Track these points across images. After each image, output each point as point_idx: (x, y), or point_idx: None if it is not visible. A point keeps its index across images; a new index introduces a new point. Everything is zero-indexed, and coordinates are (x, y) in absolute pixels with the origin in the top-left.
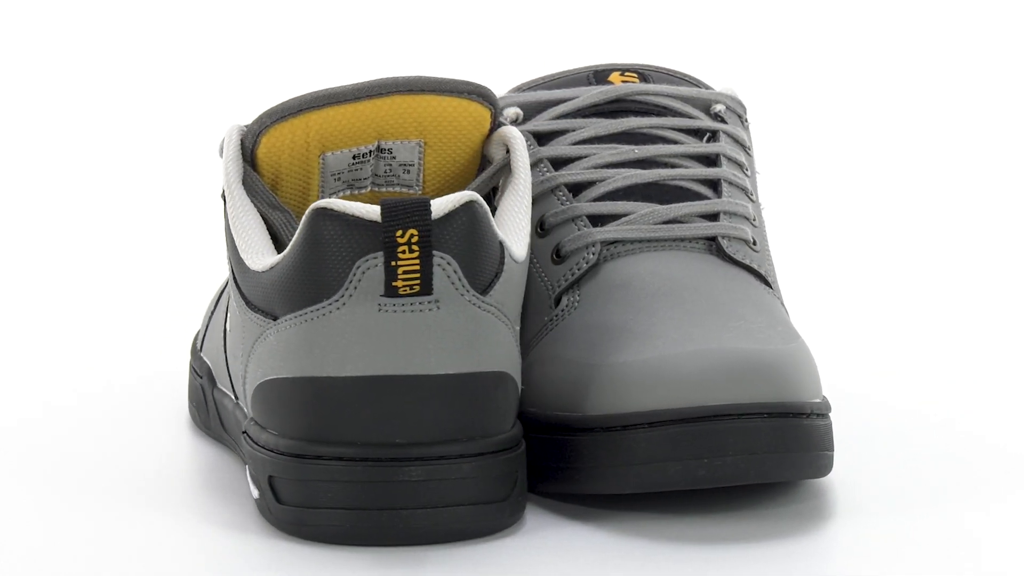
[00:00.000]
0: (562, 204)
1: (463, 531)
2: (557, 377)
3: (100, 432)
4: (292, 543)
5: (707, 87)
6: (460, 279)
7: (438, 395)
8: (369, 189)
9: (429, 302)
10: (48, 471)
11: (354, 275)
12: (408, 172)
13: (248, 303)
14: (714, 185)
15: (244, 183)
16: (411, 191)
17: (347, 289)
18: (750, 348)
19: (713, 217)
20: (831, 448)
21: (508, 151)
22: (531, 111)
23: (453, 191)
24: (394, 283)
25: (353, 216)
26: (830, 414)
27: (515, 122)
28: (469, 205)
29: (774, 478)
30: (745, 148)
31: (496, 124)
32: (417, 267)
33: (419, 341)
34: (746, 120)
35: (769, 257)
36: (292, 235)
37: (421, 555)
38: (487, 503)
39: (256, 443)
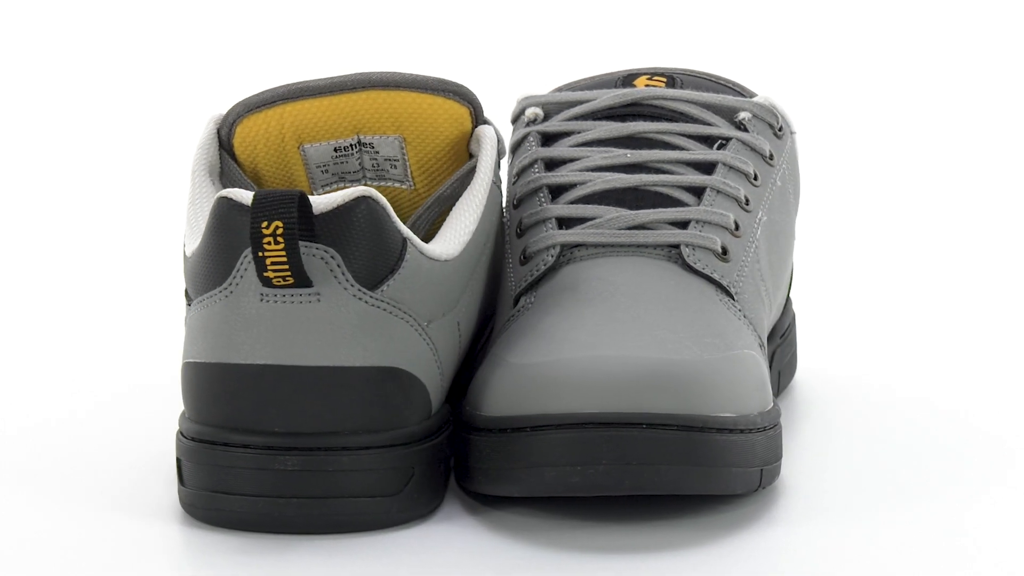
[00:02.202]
0: (539, 206)
1: (343, 523)
2: (482, 375)
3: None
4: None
5: (750, 93)
6: (344, 273)
7: (317, 387)
8: (363, 183)
9: (310, 294)
10: (50, 469)
11: (241, 264)
12: (395, 167)
13: (186, 287)
14: (700, 193)
15: (223, 172)
16: (403, 186)
17: (234, 278)
18: (650, 357)
19: (683, 225)
20: (746, 464)
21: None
22: (552, 111)
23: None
24: (265, 274)
25: (244, 205)
26: (757, 429)
27: (533, 122)
28: (361, 200)
29: (653, 490)
30: (765, 158)
31: (477, 123)
32: (284, 259)
33: (299, 332)
34: (780, 131)
35: (745, 268)
36: None
37: (289, 544)
38: (371, 497)
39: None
